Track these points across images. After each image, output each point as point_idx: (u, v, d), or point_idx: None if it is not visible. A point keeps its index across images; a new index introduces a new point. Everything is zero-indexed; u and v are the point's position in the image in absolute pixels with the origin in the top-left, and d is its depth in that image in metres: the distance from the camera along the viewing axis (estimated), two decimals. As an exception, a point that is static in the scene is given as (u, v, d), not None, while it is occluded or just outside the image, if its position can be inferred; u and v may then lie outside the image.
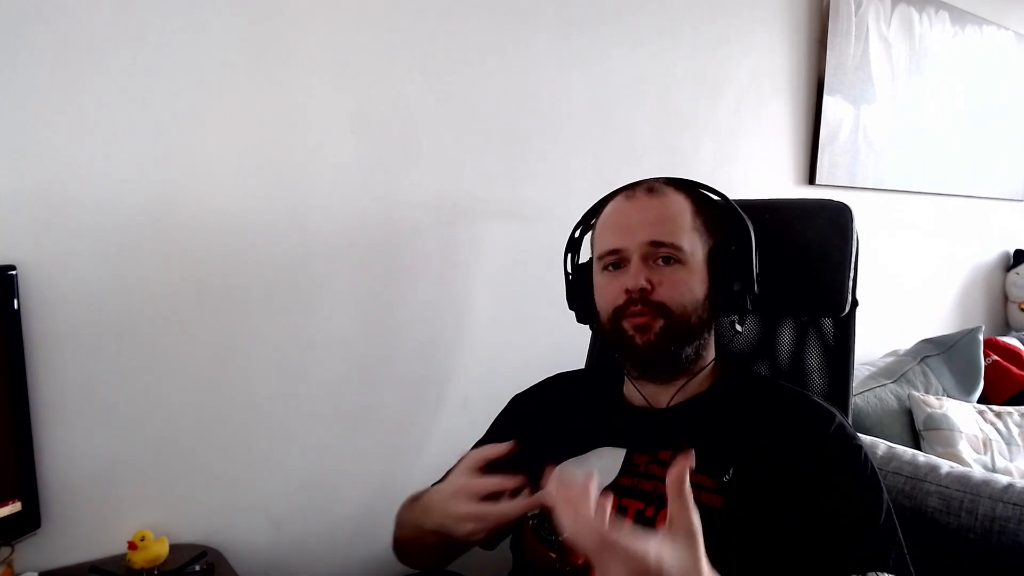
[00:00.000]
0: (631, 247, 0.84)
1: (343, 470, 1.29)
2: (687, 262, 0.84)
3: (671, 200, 0.87)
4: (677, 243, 0.83)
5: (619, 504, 0.81)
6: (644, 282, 0.82)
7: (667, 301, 0.83)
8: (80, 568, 1.00)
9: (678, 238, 0.84)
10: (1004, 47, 2.72)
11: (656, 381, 0.88)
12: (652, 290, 0.82)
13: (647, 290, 0.82)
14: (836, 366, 1.02)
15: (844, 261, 0.96)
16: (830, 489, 0.76)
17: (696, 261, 0.85)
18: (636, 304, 0.83)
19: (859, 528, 0.73)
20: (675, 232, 0.84)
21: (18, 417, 0.92)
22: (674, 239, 0.84)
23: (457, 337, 1.41)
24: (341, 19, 1.19)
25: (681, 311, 0.83)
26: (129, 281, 1.04)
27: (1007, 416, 1.83)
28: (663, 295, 0.83)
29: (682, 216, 0.86)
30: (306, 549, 1.26)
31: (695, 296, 0.84)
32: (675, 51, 1.66)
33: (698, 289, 0.84)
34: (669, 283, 0.83)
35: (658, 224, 0.84)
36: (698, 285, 0.85)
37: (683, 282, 0.83)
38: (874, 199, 2.29)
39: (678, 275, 0.83)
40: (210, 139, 1.09)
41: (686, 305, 0.83)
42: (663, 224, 0.84)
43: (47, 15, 0.95)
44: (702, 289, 0.85)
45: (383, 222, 1.28)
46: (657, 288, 0.83)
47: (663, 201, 0.86)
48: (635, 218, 0.86)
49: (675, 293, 0.83)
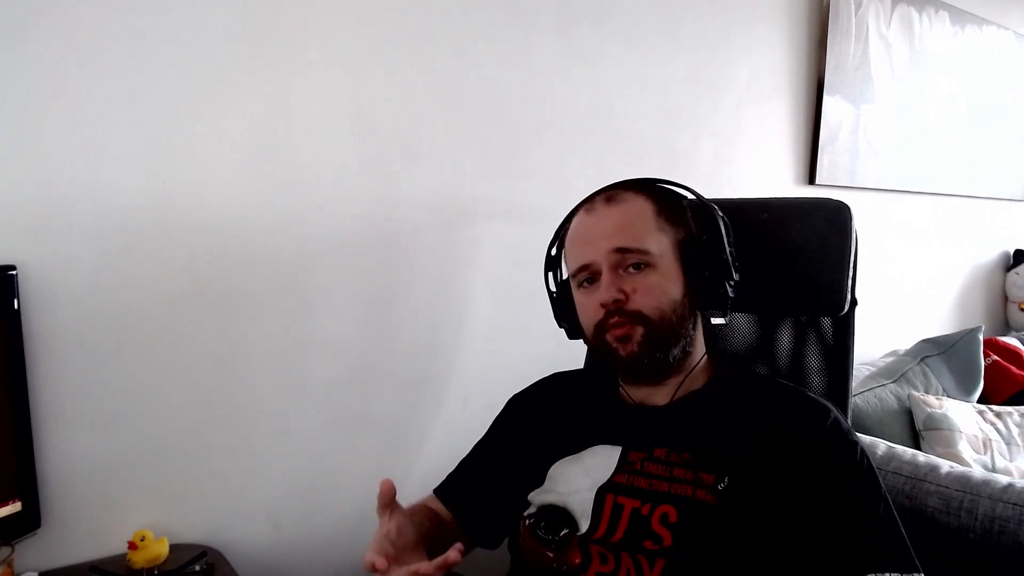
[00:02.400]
0: (599, 259, 0.84)
1: (343, 470, 1.29)
2: (657, 264, 0.84)
3: (630, 205, 0.86)
4: (642, 247, 0.83)
5: (615, 502, 0.81)
6: (617, 293, 0.82)
7: (643, 308, 0.83)
8: (80, 568, 1.00)
9: (643, 241, 0.84)
10: (1004, 47, 2.72)
11: (648, 384, 0.89)
12: (627, 299, 0.82)
13: (621, 300, 0.82)
14: (835, 366, 1.02)
15: (843, 260, 0.96)
16: (826, 486, 0.76)
17: (666, 261, 0.84)
18: (613, 315, 0.83)
19: (857, 525, 0.73)
20: (639, 236, 0.84)
21: (18, 417, 0.92)
22: (639, 243, 0.83)
23: (457, 337, 1.41)
24: (341, 19, 1.19)
25: (659, 316, 0.83)
26: (129, 281, 1.04)
27: (1007, 416, 1.83)
28: (639, 303, 0.83)
29: (643, 218, 0.85)
30: (306, 549, 1.26)
31: (671, 297, 0.84)
32: (675, 51, 1.66)
33: (673, 289, 0.84)
34: (643, 290, 0.83)
35: (621, 231, 0.84)
36: (672, 285, 0.84)
37: (656, 286, 0.83)
38: (874, 199, 2.29)
39: (650, 280, 0.83)
40: (210, 139, 1.09)
41: (663, 309, 0.83)
42: (625, 231, 0.84)
43: (47, 15, 0.95)
44: (677, 288, 0.85)
45: (383, 222, 1.28)
46: (632, 296, 0.83)
47: (622, 208, 0.86)
48: (597, 230, 0.86)
49: (650, 299, 0.83)
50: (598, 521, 0.80)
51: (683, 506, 0.77)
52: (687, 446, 0.82)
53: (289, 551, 1.24)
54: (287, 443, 1.22)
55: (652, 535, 0.77)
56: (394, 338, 1.33)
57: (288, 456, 1.22)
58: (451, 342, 1.41)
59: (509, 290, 1.45)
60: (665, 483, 0.80)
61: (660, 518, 0.77)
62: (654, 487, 0.80)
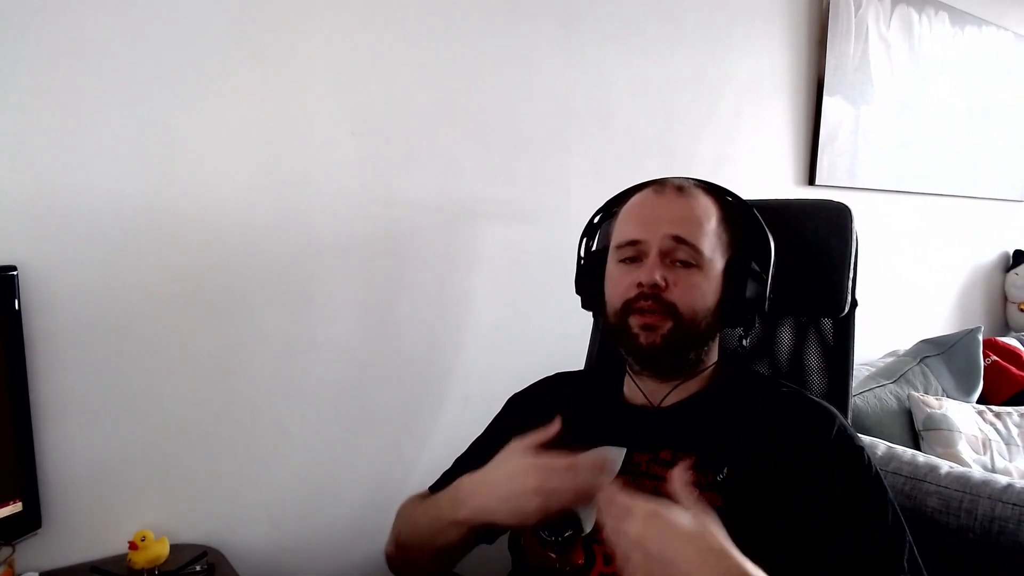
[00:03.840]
0: (652, 240, 0.83)
1: (343, 470, 1.29)
2: (704, 267, 0.83)
3: (699, 202, 0.86)
4: (698, 245, 0.82)
5: None
6: (659, 278, 0.81)
7: (678, 303, 0.82)
8: (81, 568, 1.00)
9: (700, 240, 0.83)
10: (1004, 48, 2.72)
11: (656, 378, 0.88)
12: (665, 288, 0.81)
13: (660, 287, 0.81)
14: (836, 366, 1.02)
15: (843, 261, 0.96)
16: (834, 493, 0.75)
17: (714, 268, 0.84)
18: (647, 299, 0.82)
19: (867, 532, 0.73)
20: (698, 234, 0.83)
21: (19, 417, 0.92)
22: (696, 240, 0.83)
23: (457, 337, 1.41)
24: (341, 19, 1.19)
25: (691, 316, 0.82)
26: (130, 281, 1.04)
27: (1006, 416, 1.83)
28: (675, 296, 0.82)
29: (708, 220, 0.85)
30: (306, 549, 1.26)
31: (706, 303, 0.83)
32: (675, 51, 1.67)
33: (710, 296, 0.84)
34: (684, 285, 0.82)
35: (683, 222, 0.83)
36: (711, 292, 0.84)
37: (697, 286, 0.82)
38: (874, 199, 2.29)
39: (693, 279, 0.82)
40: (210, 139, 1.09)
41: (697, 310, 0.82)
42: (688, 223, 0.83)
43: (47, 15, 0.95)
44: (714, 297, 0.84)
45: (383, 222, 1.28)
46: (671, 287, 0.81)
47: (691, 202, 0.85)
48: (661, 212, 0.85)
49: (687, 296, 0.82)
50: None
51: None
52: (692, 448, 0.82)
53: (289, 551, 1.24)
54: (287, 443, 1.22)
55: None
56: (394, 338, 1.33)
57: (288, 456, 1.22)
58: (451, 342, 1.41)
59: (509, 290, 1.45)
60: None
61: None
62: (660, 489, 0.80)
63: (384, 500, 1.31)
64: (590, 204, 0.97)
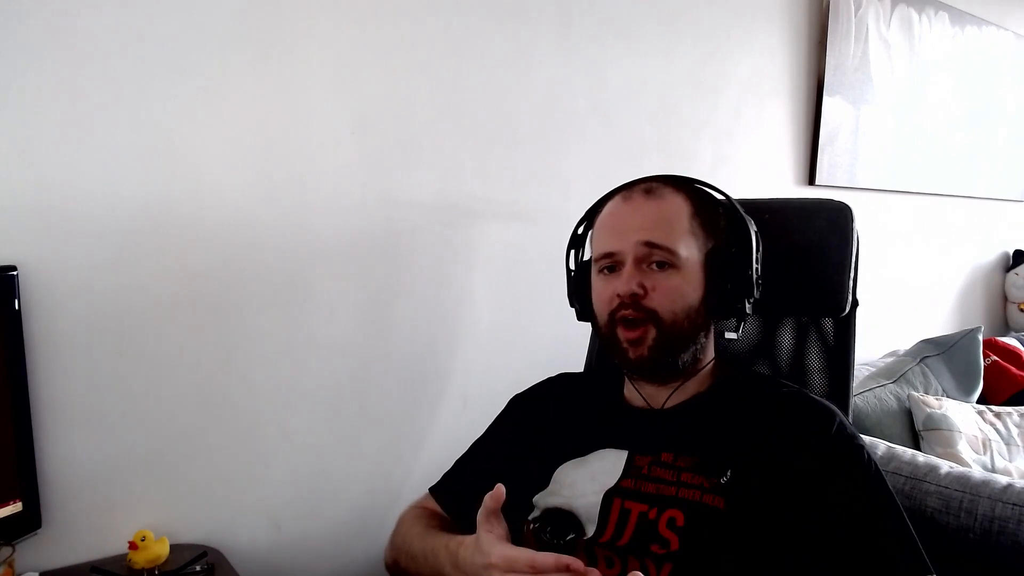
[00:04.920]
0: (626, 249, 0.84)
1: (343, 470, 1.29)
2: (681, 266, 0.83)
3: (668, 202, 0.86)
4: (672, 247, 0.83)
5: (622, 506, 0.81)
6: (636, 287, 0.82)
7: (658, 308, 0.82)
8: (81, 568, 1.00)
9: (673, 242, 0.83)
10: (1004, 48, 2.72)
11: (654, 383, 0.89)
12: (644, 295, 0.82)
13: (639, 295, 0.82)
14: (836, 366, 1.03)
15: (844, 261, 0.96)
16: (837, 492, 0.75)
17: (691, 265, 0.84)
18: (627, 308, 0.82)
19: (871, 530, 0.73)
20: (670, 235, 0.83)
21: (19, 417, 0.92)
22: (669, 242, 0.83)
23: (457, 337, 1.41)
24: (341, 19, 1.19)
25: (672, 319, 0.83)
26: (130, 281, 1.04)
27: (1006, 416, 1.83)
28: (655, 302, 0.82)
29: (679, 219, 0.85)
30: (306, 549, 1.26)
31: (687, 302, 0.84)
32: (675, 51, 1.67)
33: (691, 295, 0.84)
34: (662, 289, 0.82)
35: (653, 227, 0.84)
36: (692, 290, 0.84)
37: (675, 288, 0.83)
38: (874, 200, 2.29)
39: (671, 281, 0.83)
40: (210, 139, 1.09)
41: (677, 312, 0.83)
42: (658, 227, 0.84)
43: (47, 15, 0.95)
44: (696, 294, 0.84)
45: (383, 222, 1.28)
46: (650, 293, 0.82)
47: (659, 204, 0.86)
48: (630, 220, 0.86)
49: (667, 300, 0.82)
50: (604, 525, 0.80)
51: (691, 510, 0.77)
52: (693, 450, 0.82)
53: (289, 551, 1.23)
54: (287, 443, 1.22)
55: (659, 539, 0.77)
56: (394, 338, 1.32)
57: (288, 456, 1.22)
58: (451, 342, 1.41)
59: (509, 290, 1.45)
60: (672, 487, 0.80)
61: (667, 522, 0.77)
62: (661, 491, 0.80)
63: (384, 500, 1.31)
64: (590, 204, 0.97)
